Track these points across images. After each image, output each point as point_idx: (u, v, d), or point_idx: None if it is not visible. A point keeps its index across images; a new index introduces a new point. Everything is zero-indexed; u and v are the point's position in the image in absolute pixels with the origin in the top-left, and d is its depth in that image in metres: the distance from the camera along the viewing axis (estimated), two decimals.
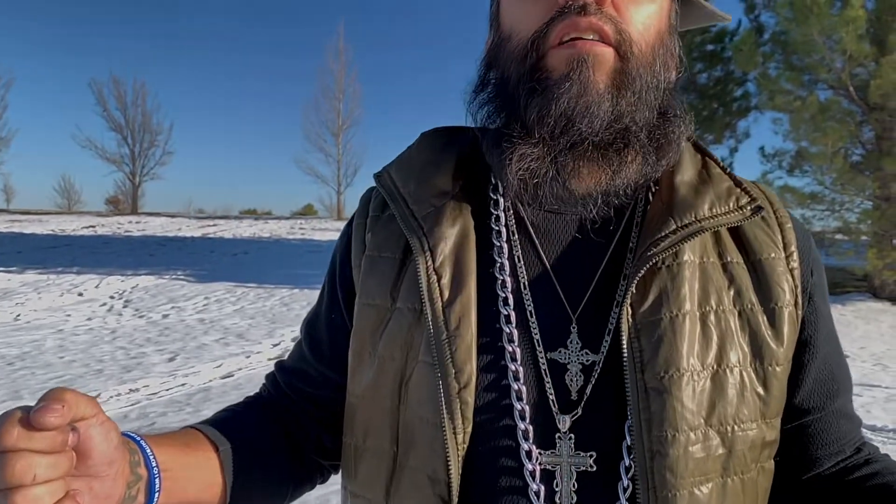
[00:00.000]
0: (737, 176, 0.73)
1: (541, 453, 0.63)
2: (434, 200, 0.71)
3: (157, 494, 0.59)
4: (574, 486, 0.63)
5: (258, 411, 0.79)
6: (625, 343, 0.63)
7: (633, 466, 0.61)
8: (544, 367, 0.66)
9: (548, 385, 0.65)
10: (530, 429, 0.64)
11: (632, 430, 0.61)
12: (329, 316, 0.79)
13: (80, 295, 9.63)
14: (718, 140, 11.72)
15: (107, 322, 7.90)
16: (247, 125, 76.43)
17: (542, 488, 0.63)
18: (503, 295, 0.68)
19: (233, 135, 76.70)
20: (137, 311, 8.57)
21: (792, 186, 10.16)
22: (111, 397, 4.87)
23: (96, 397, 4.68)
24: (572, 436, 0.64)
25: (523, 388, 0.65)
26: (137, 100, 34.20)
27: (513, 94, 0.68)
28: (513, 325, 0.67)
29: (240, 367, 5.86)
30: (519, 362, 0.65)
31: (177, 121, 75.56)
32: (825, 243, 9.99)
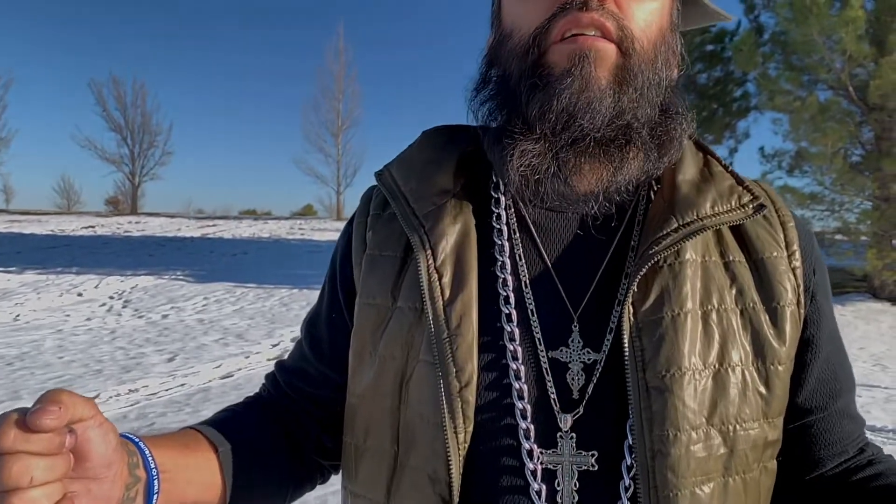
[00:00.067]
0: (738, 174, 0.72)
1: (542, 452, 0.63)
2: (435, 199, 0.71)
3: (155, 496, 0.59)
4: (575, 485, 0.62)
5: (258, 411, 0.79)
6: (626, 342, 0.63)
7: (634, 466, 0.61)
8: (546, 366, 0.65)
9: (549, 384, 0.65)
10: (531, 428, 0.63)
11: (633, 429, 0.61)
12: (329, 315, 0.79)
13: (79, 295, 9.62)
14: (718, 140, 11.72)
15: (106, 322, 7.89)
16: (246, 125, 76.53)
17: (544, 488, 0.62)
18: (504, 293, 0.68)
19: (232, 135, 76.73)
20: (137, 312, 8.56)
21: (791, 187, 10.17)
22: (110, 397, 4.86)
23: (95, 397, 4.71)
24: (574, 435, 0.63)
25: (524, 387, 0.64)
26: (137, 100, 34.23)
27: (514, 91, 0.68)
28: (514, 323, 0.66)
29: (239, 368, 5.85)
30: (520, 361, 0.65)
31: (176, 121, 75.51)
32: (825, 244, 9.98)
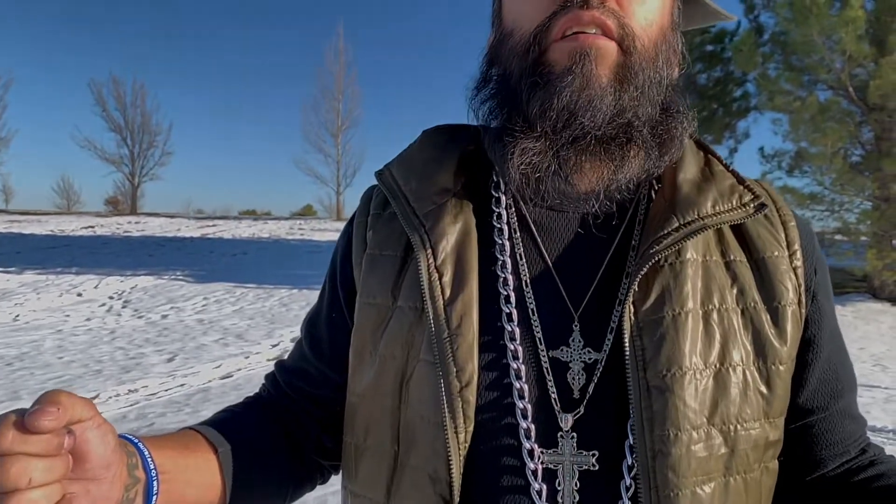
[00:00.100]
0: (739, 173, 0.72)
1: (543, 452, 0.63)
2: (436, 198, 0.71)
3: (155, 497, 0.58)
4: (576, 485, 0.62)
5: (258, 411, 0.79)
6: (627, 341, 0.62)
7: (635, 465, 0.61)
8: (546, 366, 0.65)
9: (550, 383, 0.65)
10: (532, 427, 0.63)
11: (634, 428, 0.61)
12: (330, 315, 0.79)
13: (79, 295, 9.62)
14: (718, 141, 11.72)
15: (106, 322, 7.89)
16: (246, 125, 76.56)
17: (545, 487, 0.62)
18: (505, 293, 0.68)
19: (232, 135, 76.73)
20: (136, 312, 8.56)
21: (791, 187, 10.16)
22: (110, 398, 4.86)
23: (95, 398, 4.70)
24: (574, 435, 0.63)
25: (525, 387, 0.64)
26: (137, 100, 34.21)
27: (515, 89, 0.67)
28: (514, 323, 0.66)
29: (239, 368, 5.85)
30: (521, 360, 0.65)
31: (176, 121, 75.54)
32: (825, 244, 9.98)
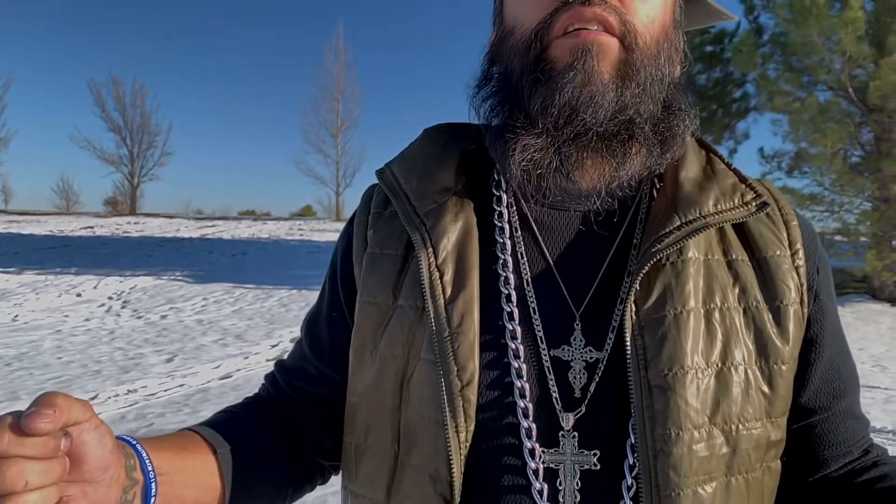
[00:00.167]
0: (741, 172, 0.72)
1: (544, 451, 0.63)
2: (437, 196, 0.70)
3: (153, 499, 0.58)
4: (577, 484, 0.62)
5: (257, 412, 0.79)
6: (628, 340, 0.62)
7: (636, 465, 0.60)
8: (547, 365, 0.65)
9: (551, 383, 0.64)
10: (533, 427, 0.63)
11: (635, 428, 0.61)
12: (330, 314, 0.79)
13: (78, 296, 9.62)
14: (717, 141, 11.72)
15: (105, 323, 7.88)
16: (245, 126, 76.40)
17: (546, 487, 0.62)
18: (506, 292, 0.67)
19: (232, 135, 76.58)
20: (136, 312, 8.55)
21: (791, 188, 10.15)
22: (109, 398, 4.86)
23: (94, 398, 4.69)
24: (576, 434, 0.63)
25: (526, 386, 0.64)
26: (136, 100, 34.11)
27: (516, 86, 0.67)
28: (516, 321, 0.66)
29: (238, 368, 5.85)
30: (522, 359, 0.65)
31: (175, 121, 75.48)
32: (824, 244, 9.91)
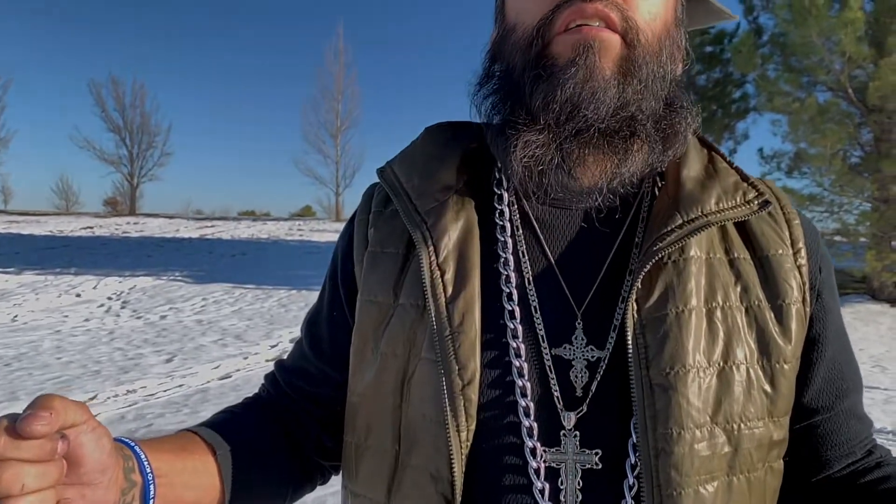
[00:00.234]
0: (743, 170, 0.72)
1: (545, 451, 0.62)
2: (438, 195, 0.70)
3: (152, 500, 0.58)
4: (579, 483, 0.62)
5: (257, 412, 0.78)
6: (630, 339, 0.62)
7: (638, 464, 0.60)
8: (549, 364, 0.65)
9: (552, 382, 0.64)
10: (535, 426, 0.63)
11: (637, 427, 0.60)
12: (330, 313, 0.78)
13: (77, 296, 9.61)
14: (717, 142, 11.72)
15: (104, 323, 7.88)
16: (245, 126, 76.33)
17: (547, 486, 0.62)
18: (507, 290, 0.67)
19: (231, 136, 76.50)
20: (135, 312, 8.55)
21: (791, 188, 10.15)
22: (108, 398, 4.85)
23: (93, 398, 4.69)
24: (577, 433, 0.63)
25: (527, 385, 0.64)
26: (136, 101, 34.06)
27: (518, 83, 0.67)
28: (517, 320, 0.66)
29: (238, 369, 5.85)
30: (523, 358, 0.65)
31: (175, 122, 75.52)
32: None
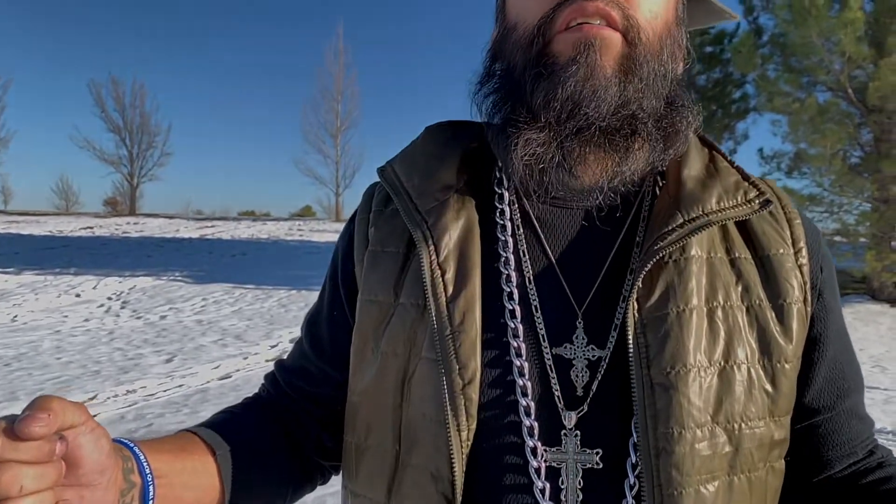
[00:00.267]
0: (744, 170, 0.72)
1: (546, 450, 0.62)
2: (438, 194, 0.70)
3: (151, 501, 0.58)
4: (580, 483, 0.62)
5: (257, 412, 0.78)
6: (630, 338, 0.62)
7: (639, 464, 0.60)
8: (549, 363, 0.65)
9: (553, 381, 0.64)
10: (535, 425, 0.63)
11: (638, 426, 0.60)
12: (331, 313, 0.78)
13: (77, 296, 9.61)
14: (717, 142, 11.50)
15: (104, 323, 7.88)
16: (245, 126, 76.34)
17: (548, 486, 0.62)
18: (508, 289, 0.67)
19: (231, 136, 76.46)
20: (135, 313, 8.55)
21: (790, 188, 10.16)
22: (108, 398, 4.85)
23: (93, 398, 4.69)
24: (578, 433, 0.63)
25: (528, 384, 0.64)
26: (136, 101, 34.01)
27: (519, 81, 0.67)
28: (518, 319, 0.66)
29: (237, 369, 5.85)
30: (524, 358, 0.64)
31: (175, 122, 75.46)
32: None
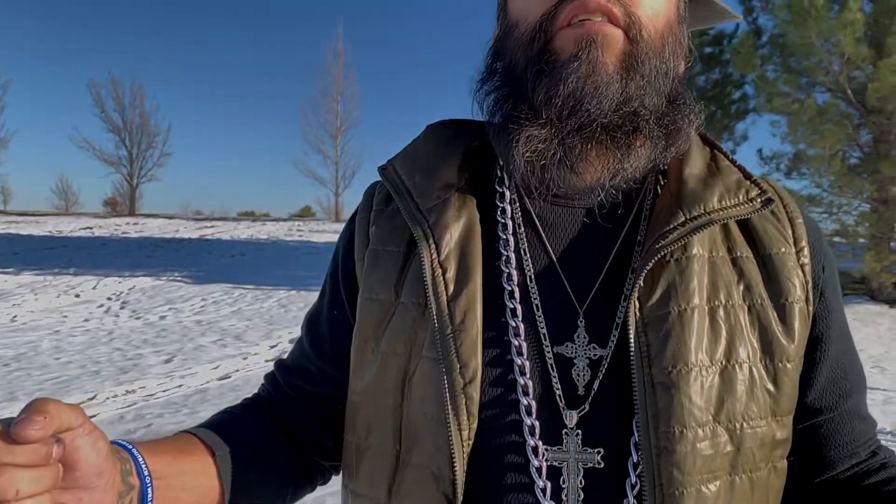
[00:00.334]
0: (745, 168, 0.72)
1: (547, 449, 0.62)
2: (439, 193, 0.70)
3: (150, 503, 0.57)
4: (581, 482, 0.61)
5: (256, 412, 0.78)
6: (632, 337, 0.62)
7: (640, 463, 0.60)
8: (551, 362, 0.64)
9: (554, 380, 0.64)
10: (536, 424, 0.62)
11: (639, 425, 0.60)
12: (331, 312, 0.78)
13: (77, 296, 9.60)
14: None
15: (104, 323, 7.87)
16: (245, 126, 76.36)
17: (549, 485, 0.61)
18: (509, 288, 0.67)
19: (231, 136, 76.64)
20: (134, 313, 8.54)
21: (790, 189, 10.16)
22: (108, 399, 4.85)
23: (92, 398, 4.68)
24: (579, 432, 0.62)
25: (529, 383, 0.63)
26: (135, 101, 34.00)
27: (520, 78, 0.67)
28: (519, 318, 0.65)
29: (237, 369, 5.84)
30: (525, 357, 0.64)
31: (175, 122, 75.67)
32: None
